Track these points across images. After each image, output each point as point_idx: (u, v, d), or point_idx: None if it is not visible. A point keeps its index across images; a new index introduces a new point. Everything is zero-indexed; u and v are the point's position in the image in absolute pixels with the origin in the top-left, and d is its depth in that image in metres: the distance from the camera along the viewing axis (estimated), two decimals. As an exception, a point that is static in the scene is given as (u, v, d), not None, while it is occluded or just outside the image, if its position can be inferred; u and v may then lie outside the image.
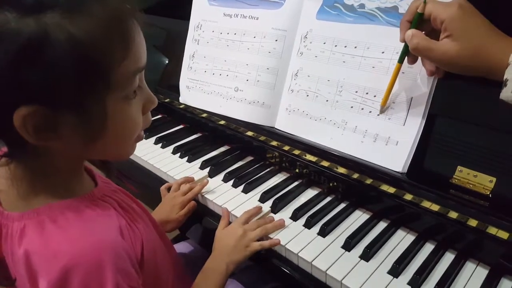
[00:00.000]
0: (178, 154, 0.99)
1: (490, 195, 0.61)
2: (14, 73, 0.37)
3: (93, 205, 0.48)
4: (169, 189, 0.87)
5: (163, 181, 0.93)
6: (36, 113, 0.39)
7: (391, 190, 0.70)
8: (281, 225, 0.73)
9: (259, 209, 0.77)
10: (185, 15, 1.02)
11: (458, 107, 0.65)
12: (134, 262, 0.49)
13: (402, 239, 0.70)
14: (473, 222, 0.62)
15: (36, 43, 0.36)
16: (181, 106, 1.07)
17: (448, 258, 0.66)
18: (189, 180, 0.87)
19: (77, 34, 0.37)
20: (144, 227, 0.56)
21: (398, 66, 0.65)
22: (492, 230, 0.60)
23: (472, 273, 0.63)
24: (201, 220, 0.84)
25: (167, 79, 1.15)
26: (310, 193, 0.84)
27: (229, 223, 0.76)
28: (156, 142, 1.06)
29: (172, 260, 0.68)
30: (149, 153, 1.01)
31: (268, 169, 0.91)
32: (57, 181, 0.47)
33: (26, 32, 0.36)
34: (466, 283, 0.62)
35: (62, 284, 0.42)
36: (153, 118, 1.18)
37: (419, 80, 0.66)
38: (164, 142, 1.04)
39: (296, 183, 0.86)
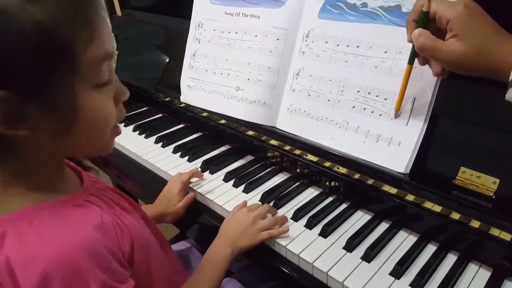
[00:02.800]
0: (179, 154, 0.99)
1: (494, 197, 0.60)
2: None
3: (74, 205, 0.48)
4: None
5: (163, 181, 0.92)
6: (4, 98, 0.38)
7: (393, 190, 0.70)
8: (285, 220, 0.74)
9: (272, 209, 0.76)
10: (186, 14, 1.01)
11: (462, 107, 0.65)
12: (120, 257, 0.48)
13: (404, 240, 0.70)
14: (475, 224, 0.62)
15: (2, 23, 0.36)
16: (181, 105, 1.06)
17: (451, 259, 0.66)
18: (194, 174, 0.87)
19: (39, 17, 0.37)
20: (133, 223, 0.55)
21: (409, 68, 0.63)
22: (495, 232, 0.60)
23: (475, 275, 0.63)
24: (202, 219, 0.84)
25: (167, 78, 1.14)
26: (311, 193, 0.83)
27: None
28: (156, 141, 1.05)
29: (168, 256, 0.68)
30: (150, 152, 1.00)
31: (269, 169, 0.91)
32: (35, 183, 0.46)
33: None
34: (469, 285, 0.61)
35: None
36: (153, 117, 1.20)
37: (422, 80, 0.65)
38: (165, 141, 1.04)
39: (297, 183, 0.86)
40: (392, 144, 0.68)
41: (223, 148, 1.01)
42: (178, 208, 0.81)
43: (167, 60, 1.15)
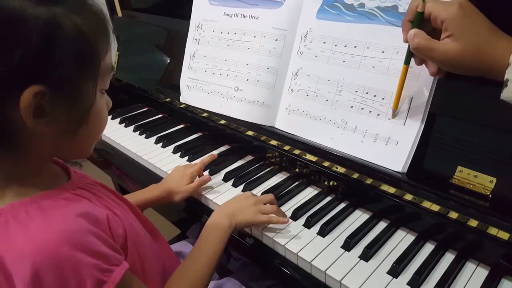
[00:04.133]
0: (179, 154, 0.99)
1: (490, 196, 0.61)
2: (30, 52, 0.41)
3: (61, 198, 0.49)
4: None
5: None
6: (41, 93, 0.42)
7: (391, 190, 0.70)
8: (285, 216, 0.75)
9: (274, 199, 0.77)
10: (186, 15, 1.02)
11: (459, 106, 0.65)
12: (110, 242, 0.49)
13: (402, 239, 0.70)
14: (473, 223, 0.62)
15: (50, 27, 0.42)
16: (181, 106, 1.07)
17: (448, 258, 0.66)
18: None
19: (81, 25, 0.44)
20: (124, 215, 0.57)
21: (405, 68, 0.64)
22: (493, 231, 0.60)
23: (472, 273, 0.63)
24: (201, 219, 0.84)
25: (167, 79, 1.15)
26: (310, 193, 0.83)
27: None
28: (156, 142, 1.06)
29: (160, 243, 0.68)
30: (150, 153, 1.01)
31: (268, 169, 0.91)
32: (24, 179, 0.48)
33: (43, 17, 0.41)
34: (466, 283, 0.62)
35: (36, 283, 0.42)
36: (154, 118, 1.21)
37: (419, 80, 0.66)
38: (165, 141, 1.05)
39: (296, 183, 0.86)
40: (389, 144, 0.69)
41: (222, 148, 1.02)
42: (190, 187, 0.82)
43: (167, 61, 1.16)
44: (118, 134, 1.12)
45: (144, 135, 1.10)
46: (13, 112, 0.42)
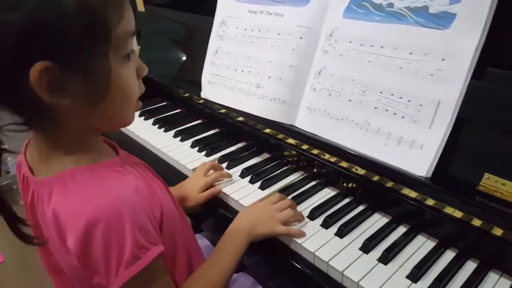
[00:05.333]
0: (197, 148, 1.00)
1: (519, 204, 0.59)
2: (31, 30, 0.41)
3: (112, 169, 0.52)
4: None
5: (181, 174, 0.93)
6: (49, 68, 0.43)
7: (413, 194, 0.69)
8: (302, 217, 0.74)
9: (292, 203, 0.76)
10: (209, 11, 1.02)
11: (488, 112, 0.63)
12: (153, 221, 0.51)
13: (422, 245, 0.69)
14: (497, 231, 0.60)
15: (48, 3, 0.41)
16: (200, 101, 1.07)
17: (470, 266, 0.64)
18: (216, 166, 0.88)
19: None
20: (164, 197, 0.58)
21: None
22: (519, 241, 0.59)
23: (495, 284, 0.61)
24: (217, 213, 0.84)
25: (187, 74, 1.15)
26: (327, 194, 0.83)
27: None
28: (175, 136, 1.07)
29: (190, 235, 0.69)
30: (168, 146, 1.02)
31: (285, 167, 0.91)
32: (76, 149, 0.51)
33: None
34: (488, 295, 0.60)
35: (86, 239, 0.45)
36: (172, 112, 1.21)
37: (447, 83, 0.64)
38: (183, 135, 1.05)
39: (313, 183, 0.86)
40: (413, 147, 0.68)
41: (239, 145, 1.02)
42: (201, 196, 0.82)
43: (188, 57, 1.16)
44: (137, 126, 1.13)
45: (163, 129, 1.11)
46: (31, 89, 0.43)
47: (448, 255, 0.67)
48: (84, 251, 0.46)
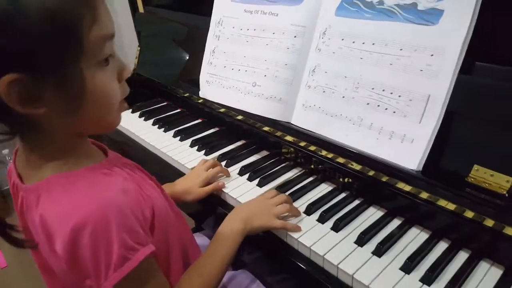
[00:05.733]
0: (196, 147, 1.02)
1: (507, 195, 0.60)
2: None
3: (100, 172, 0.52)
4: None
5: (180, 173, 0.95)
6: (18, 80, 0.42)
7: (407, 188, 0.70)
8: (299, 212, 0.75)
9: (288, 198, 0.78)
10: (207, 11, 1.04)
11: (476, 105, 0.65)
12: (142, 221, 0.52)
13: (415, 237, 0.70)
14: (488, 222, 0.62)
15: (9, 15, 0.40)
16: (199, 101, 1.09)
17: (462, 257, 0.66)
18: (216, 163, 0.90)
19: (47, 4, 0.41)
20: (155, 196, 0.59)
21: None
22: (509, 231, 0.60)
23: (486, 273, 0.63)
24: (217, 211, 0.86)
25: (187, 74, 1.17)
26: (324, 189, 0.84)
27: None
28: (175, 135, 1.08)
29: (185, 232, 0.70)
30: (168, 146, 1.04)
31: (283, 164, 0.92)
32: (62, 154, 0.51)
33: (2, 2, 0.39)
34: (479, 283, 0.61)
35: (73, 243, 0.46)
36: (172, 112, 1.23)
37: (437, 78, 0.66)
38: (183, 135, 1.07)
39: (310, 179, 0.87)
40: (405, 141, 0.69)
41: (238, 143, 1.03)
42: (203, 190, 0.84)
43: (186, 57, 1.18)
44: (137, 127, 1.15)
45: (162, 129, 1.13)
46: (2, 101, 0.43)
47: (441, 246, 0.68)
48: (72, 256, 0.46)
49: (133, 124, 1.17)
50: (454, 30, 0.63)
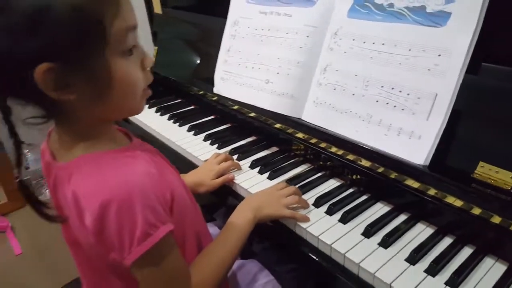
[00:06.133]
0: (209, 141, 1.05)
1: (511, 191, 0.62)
2: (27, 37, 0.44)
3: (125, 155, 0.56)
4: None
5: (193, 165, 0.99)
6: (51, 69, 0.46)
7: (415, 185, 0.72)
8: (307, 204, 0.78)
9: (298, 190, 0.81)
10: (222, 13, 1.08)
11: (481, 104, 0.67)
12: (162, 203, 0.55)
13: (421, 231, 0.72)
14: (494, 218, 0.64)
15: (42, 9, 0.44)
16: (213, 98, 1.13)
17: (467, 251, 0.68)
18: (228, 157, 0.93)
19: (76, 1, 0.45)
20: (174, 181, 0.62)
21: None
22: (514, 227, 0.62)
23: (490, 268, 0.65)
24: (228, 202, 0.89)
25: (201, 73, 1.21)
26: (332, 184, 0.87)
27: None
28: (189, 130, 1.13)
29: (199, 218, 0.73)
30: (182, 139, 1.08)
31: (293, 160, 0.95)
32: (92, 137, 0.55)
33: (31, 3, 0.44)
34: (483, 276, 0.63)
35: (101, 218, 0.49)
36: (186, 108, 1.27)
37: (445, 77, 0.68)
38: (196, 130, 1.11)
39: (319, 174, 0.90)
40: (412, 138, 0.72)
41: (250, 139, 1.07)
42: (214, 182, 0.87)
43: (203, 56, 1.22)
44: (154, 122, 1.20)
45: (177, 124, 1.17)
46: (38, 88, 0.47)
47: (446, 241, 0.70)
48: (99, 230, 0.50)
49: (149, 118, 1.22)
50: (461, 32, 0.65)
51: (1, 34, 0.44)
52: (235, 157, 0.97)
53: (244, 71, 1.00)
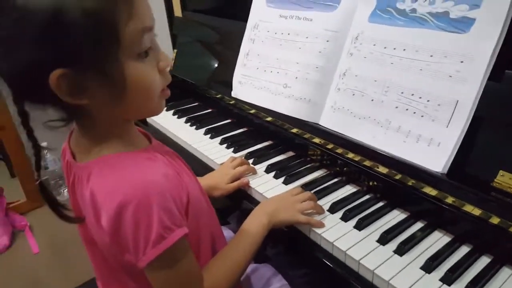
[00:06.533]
0: (225, 145, 1.06)
1: (532, 201, 0.61)
2: (40, 43, 0.44)
3: (144, 156, 0.57)
4: None
5: (209, 168, 0.99)
6: (65, 75, 0.46)
7: (433, 192, 0.71)
8: (322, 210, 0.78)
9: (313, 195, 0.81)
10: (241, 16, 1.09)
11: (503, 112, 0.66)
12: (179, 205, 0.55)
13: (438, 239, 0.71)
14: (512, 228, 0.62)
15: (55, 19, 0.43)
16: (230, 102, 1.13)
17: (484, 261, 0.66)
18: (244, 161, 0.94)
19: (86, 6, 0.44)
20: (191, 184, 0.62)
21: None
22: (533, 238, 0.60)
23: (508, 278, 0.63)
24: (242, 206, 0.89)
25: (220, 77, 1.22)
26: (348, 190, 0.86)
27: None
28: (205, 133, 1.14)
29: (214, 221, 0.73)
30: (199, 142, 1.09)
31: (309, 165, 0.95)
32: (112, 138, 0.56)
33: (45, 10, 0.43)
34: (500, 287, 0.62)
35: (117, 219, 0.50)
36: (203, 112, 1.28)
37: (466, 84, 0.67)
38: (213, 133, 1.12)
39: (335, 180, 0.89)
40: (431, 145, 0.71)
41: (266, 143, 1.07)
42: (229, 186, 0.87)
43: (221, 60, 1.23)
44: (171, 124, 1.21)
45: (194, 127, 1.18)
46: (54, 93, 0.47)
47: (463, 250, 0.69)
48: (115, 230, 0.50)
49: (167, 121, 1.24)
50: (484, 38, 0.64)
51: (13, 42, 0.45)
52: (250, 161, 0.97)
53: (262, 75, 1.00)
